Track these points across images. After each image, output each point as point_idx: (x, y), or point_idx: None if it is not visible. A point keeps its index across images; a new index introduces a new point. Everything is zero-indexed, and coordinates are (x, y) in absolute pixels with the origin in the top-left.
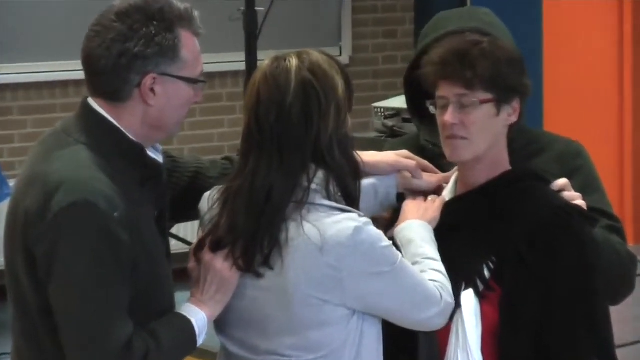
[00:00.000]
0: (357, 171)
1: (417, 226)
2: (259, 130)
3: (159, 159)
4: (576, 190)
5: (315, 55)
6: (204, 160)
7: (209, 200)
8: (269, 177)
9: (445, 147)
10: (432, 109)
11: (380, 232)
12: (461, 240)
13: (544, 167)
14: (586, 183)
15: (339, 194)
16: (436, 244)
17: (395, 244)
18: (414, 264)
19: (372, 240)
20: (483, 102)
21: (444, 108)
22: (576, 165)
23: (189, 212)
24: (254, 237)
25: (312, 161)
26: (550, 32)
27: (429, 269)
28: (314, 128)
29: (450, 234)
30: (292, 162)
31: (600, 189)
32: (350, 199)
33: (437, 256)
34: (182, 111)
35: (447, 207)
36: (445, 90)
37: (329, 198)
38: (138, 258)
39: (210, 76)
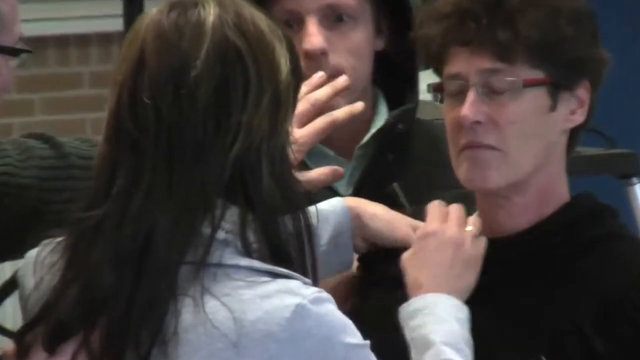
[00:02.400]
0: (301, 213)
1: (444, 309)
2: (138, 120)
3: None
4: None
5: (249, 8)
6: (6, 145)
7: (36, 266)
8: (151, 208)
9: (458, 166)
10: (433, 97)
11: (342, 317)
12: (487, 321)
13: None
14: None
15: (267, 247)
16: (472, 342)
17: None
18: None
19: (329, 329)
20: (530, 84)
21: (458, 96)
22: None
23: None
24: (125, 322)
25: (222, 186)
26: None
27: None
28: (232, 126)
29: (470, 311)
30: (188, 185)
31: None
32: (284, 258)
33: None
34: None
35: None
36: (461, 64)
37: (248, 254)
38: None
39: (60, 43)
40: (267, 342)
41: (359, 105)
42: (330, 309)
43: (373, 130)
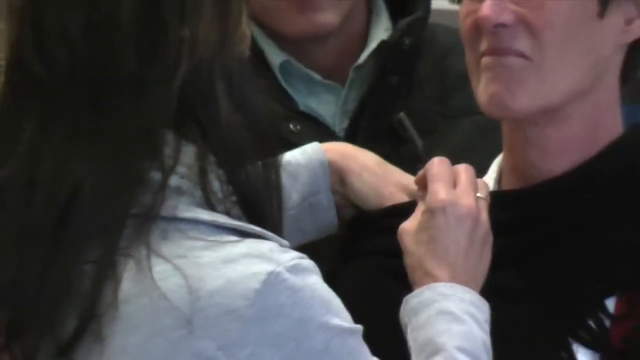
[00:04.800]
0: (271, 146)
1: (459, 306)
2: (44, 56)
3: None
4: None
5: None
6: None
7: None
8: (72, 161)
9: (476, 82)
10: None
11: (328, 293)
12: (517, 292)
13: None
14: None
15: (232, 198)
16: (490, 350)
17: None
18: None
19: (307, 308)
20: None
21: None
22: None
23: None
24: (37, 301)
25: (170, 123)
26: None
27: None
28: (171, 43)
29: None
30: (125, 127)
31: None
32: (257, 211)
33: None
34: None
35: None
36: None
37: (210, 205)
38: None
39: None
40: (229, 320)
41: None
42: (313, 282)
43: (373, 45)
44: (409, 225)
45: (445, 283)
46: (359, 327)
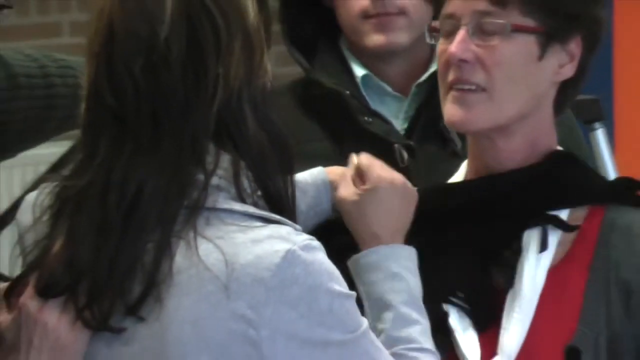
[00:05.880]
0: (287, 153)
1: (399, 264)
2: (115, 90)
3: None
4: None
5: None
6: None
7: (34, 208)
8: (136, 169)
9: (443, 105)
10: (428, 37)
11: (332, 267)
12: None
13: None
14: None
15: (258, 193)
16: (420, 283)
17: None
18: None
19: (316, 277)
20: (518, 29)
21: (451, 37)
22: (574, 143)
23: None
24: (110, 274)
25: (210, 137)
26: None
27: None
28: (210, 78)
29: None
30: (177, 142)
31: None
32: (277, 203)
33: (422, 317)
34: None
35: (439, 197)
36: (456, 5)
37: (241, 199)
38: None
39: None
40: (257, 286)
41: None
42: (320, 258)
43: (432, 69)
44: (348, 195)
45: (387, 245)
46: (354, 293)
